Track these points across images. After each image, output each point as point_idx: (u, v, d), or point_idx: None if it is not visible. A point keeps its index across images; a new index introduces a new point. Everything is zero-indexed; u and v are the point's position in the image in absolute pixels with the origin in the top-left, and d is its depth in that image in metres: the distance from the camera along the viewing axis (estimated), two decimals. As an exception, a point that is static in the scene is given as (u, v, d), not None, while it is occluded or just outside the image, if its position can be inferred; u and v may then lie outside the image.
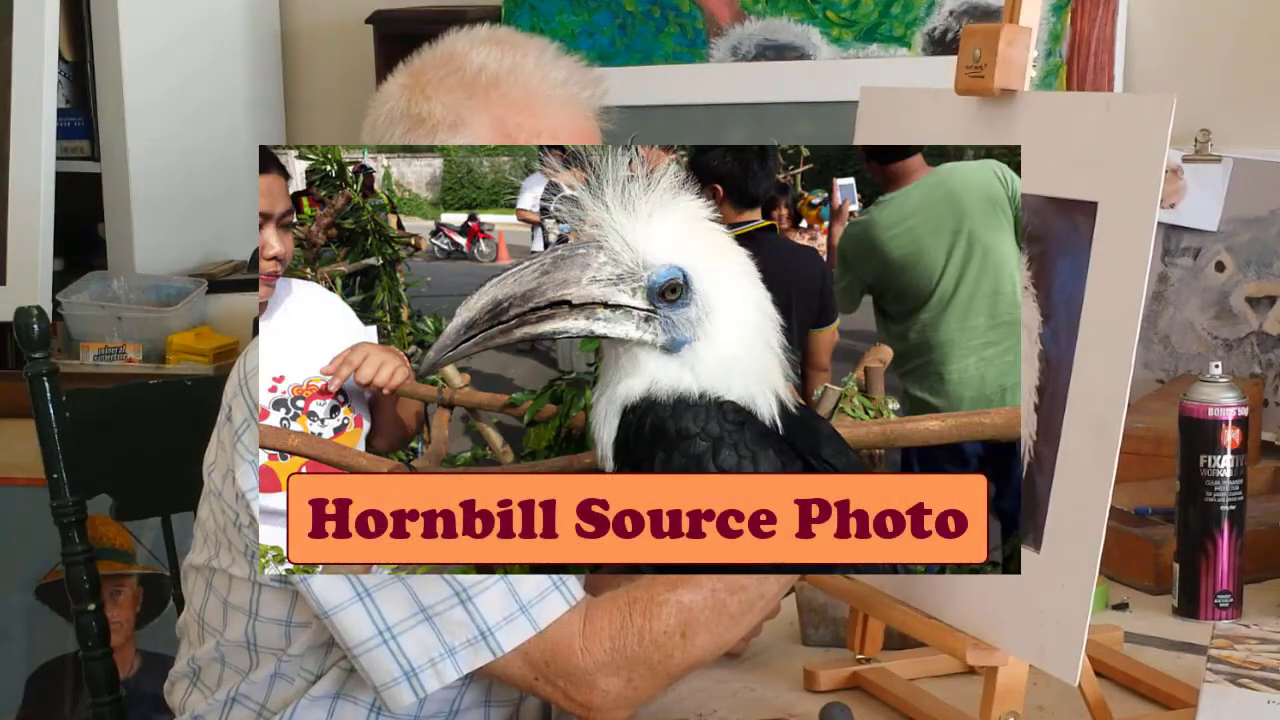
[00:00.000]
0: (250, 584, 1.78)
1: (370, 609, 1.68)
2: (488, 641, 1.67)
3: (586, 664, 1.67)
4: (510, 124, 1.71)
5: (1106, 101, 1.70)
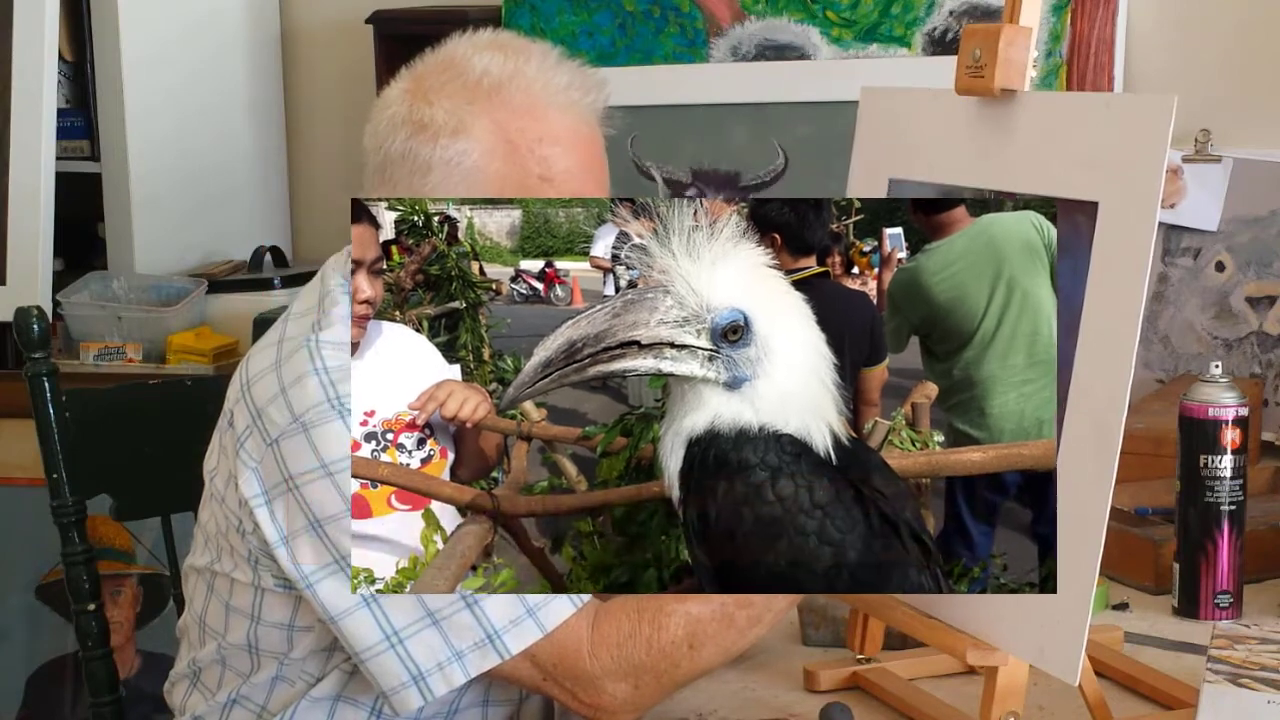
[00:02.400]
0: (252, 588, 1.78)
1: (377, 614, 1.68)
2: (495, 644, 1.67)
3: (594, 669, 1.68)
4: (512, 129, 1.71)
5: (1107, 101, 1.70)
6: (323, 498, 1.68)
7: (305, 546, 1.70)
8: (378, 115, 1.76)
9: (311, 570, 1.70)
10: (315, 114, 3.58)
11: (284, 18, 3.56)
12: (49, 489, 2.20)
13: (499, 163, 1.70)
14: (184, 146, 3.36)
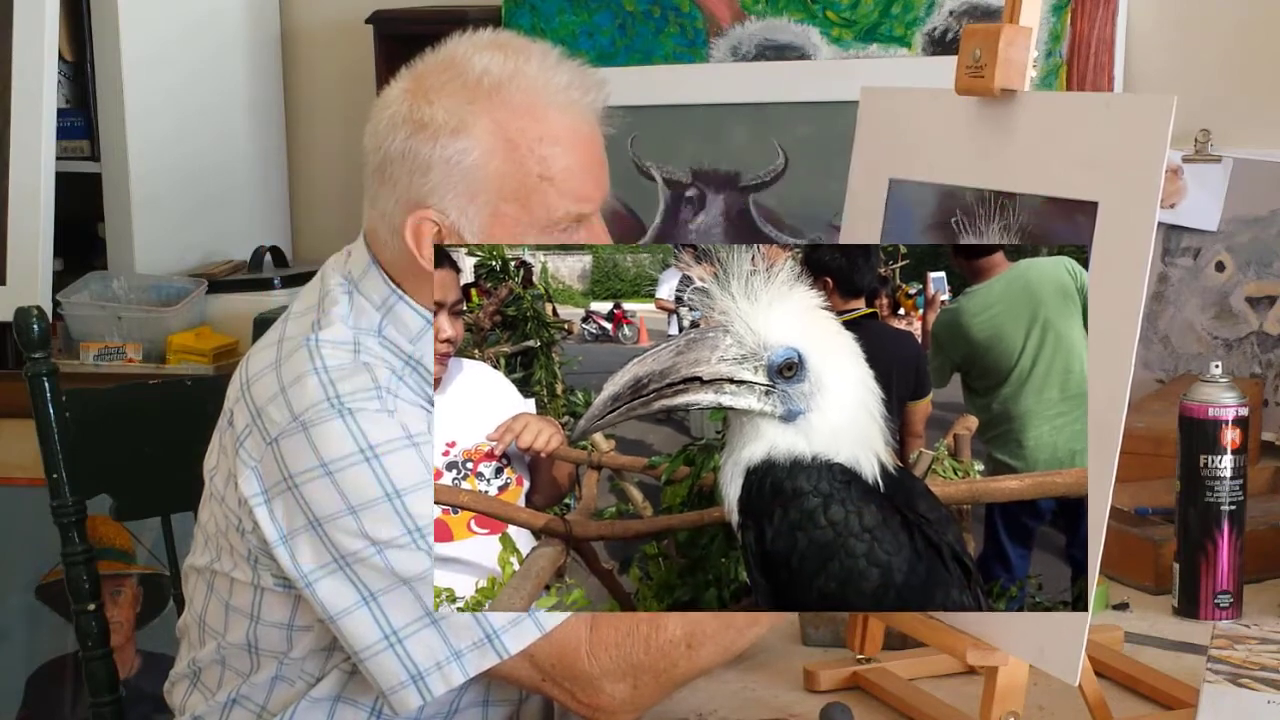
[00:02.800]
0: (252, 588, 1.78)
1: (376, 613, 1.68)
2: (494, 644, 1.67)
3: (593, 669, 1.68)
4: (512, 128, 1.71)
5: (1106, 101, 1.70)
6: (322, 497, 1.68)
7: (304, 546, 1.70)
8: (378, 115, 1.76)
9: (310, 569, 1.70)
10: (315, 114, 3.58)
11: (284, 18, 3.56)
12: (49, 489, 2.20)
13: (499, 161, 1.71)
14: (184, 146, 3.36)
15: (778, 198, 3.02)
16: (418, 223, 1.73)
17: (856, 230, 1.87)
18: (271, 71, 3.54)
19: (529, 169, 1.71)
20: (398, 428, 1.69)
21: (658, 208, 3.08)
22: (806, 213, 2.98)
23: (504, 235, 1.72)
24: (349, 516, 1.67)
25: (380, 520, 1.67)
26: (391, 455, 1.68)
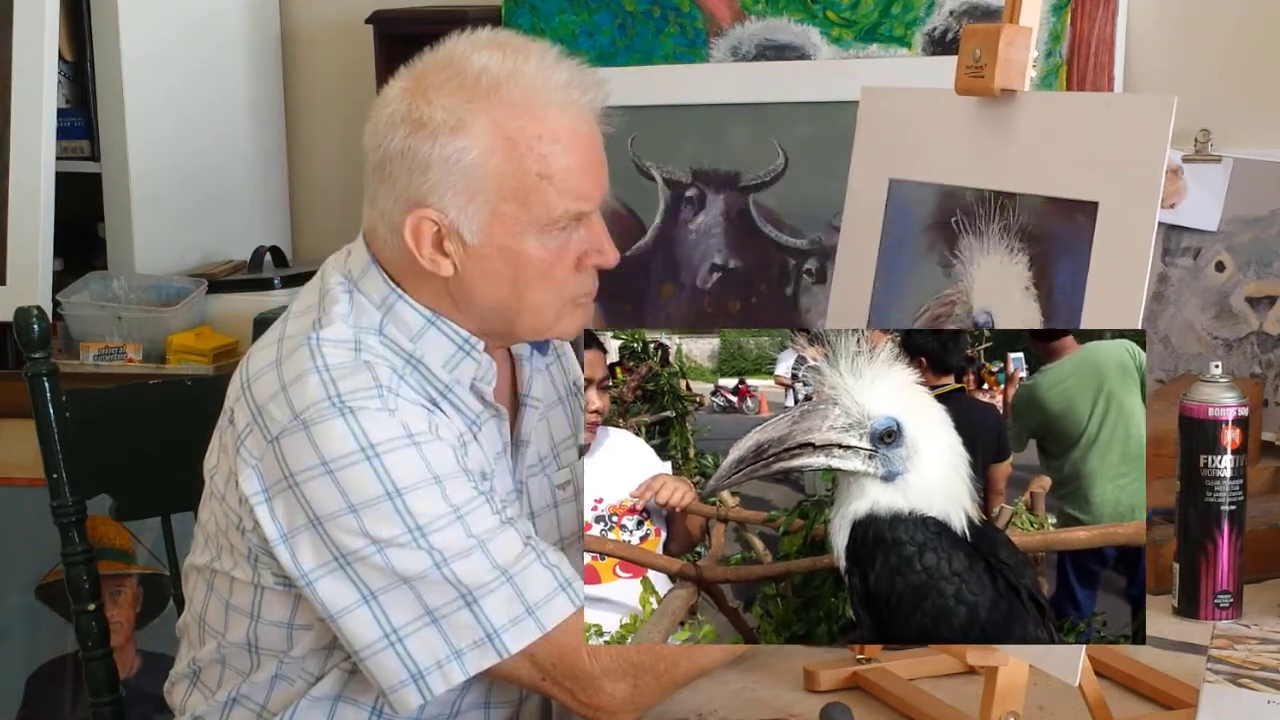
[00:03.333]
0: (252, 587, 1.78)
1: (377, 612, 1.68)
2: (494, 643, 1.67)
3: (593, 669, 1.68)
4: (511, 127, 1.71)
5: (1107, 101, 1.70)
6: (322, 495, 1.68)
7: (305, 544, 1.70)
8: (377, 114, 1.76)
9: (311, 568, 1.70)
10: (315, 114, 3.58)
11: (284, 18, 3.56)
12: (49, 489, 2.20)
13: (498, 160, 1.71)
14: (184, 146, 3.36)
15: (778, 198, 3.02)
16: (417, 222, 1.73)
17: (856, 230, 1.87)
18: (271, 71, 3.54)
19: (528, 167, 1.71)
20: (399, 426, 1.69)
21: (658, 208, 3.08)
22: (806, 213, 2.98)
23: (503, 234, 1.72)
24: (349, 515, 1.67)
25: (381, 519, 1.67)
26: (392, 454, 1.68)
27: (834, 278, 1.93)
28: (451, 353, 1.77)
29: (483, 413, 1.81)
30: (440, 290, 1.77)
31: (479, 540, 1.68)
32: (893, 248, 1.83)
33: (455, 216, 1.72)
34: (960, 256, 1.74)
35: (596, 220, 1.78)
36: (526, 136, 1.71)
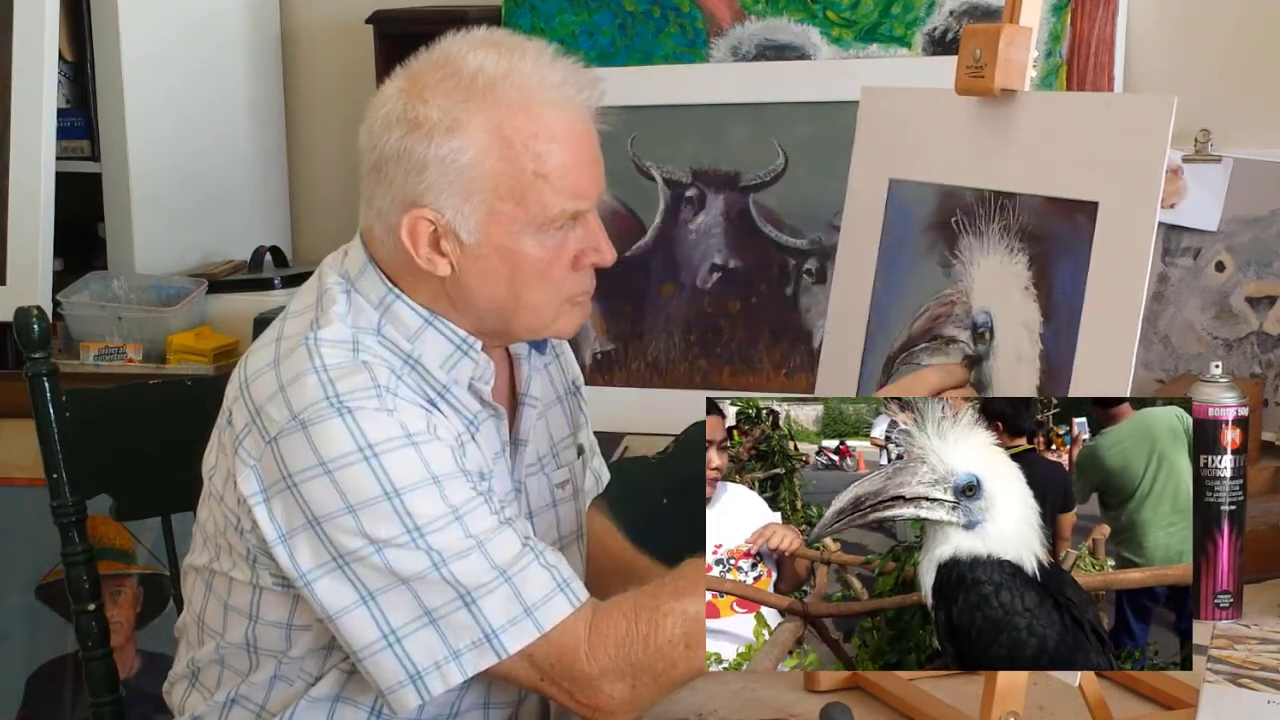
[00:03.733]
0: (251, 587, 1.78)
1: (375, 612, 1.68)
2: (492, 644, 1.67)
3: (591, 669, 1.68)
4: (507, 126, 1.71)
5: (1107, 101, 1.70)
6: (321, 495, 1.68)
7: (303, 544, 1.70)
8: (373, 114, 1.76)
9: (309, 568, 1.70)
10: (315, 114, 3.58)
11: (284, 18, 3.56)
12: (49, 489, 2.20)
13: (494, 160, 1.70)
14: (184, 146, 3.36)
15: (778, 198, 3.02)
16: (414, 222, 1.73)
17: (856, 230, 1.87)
18: (271, 71, 3.54)
19: (524, 166, 1.71)
20: (397, 426, 1.69)
21: (658, 208, 3.08)
22: (806, 213, 2.98)
23: (500, 233, 1.72)
24: (348, 515, 1.67)
25: (379, 519, 1.67)
26: (391, 454, 1.68)
27: (834, 278, 1.93)
28: (449, 352, 1.77)
29: (480, 412, 1.81)
30: (437, 290, 1.77)
31: (477, 540, 1.68)
32: (893, 247, 1.83)
33: (452, 216, 1.72)
34: (960, 256, 1.74)
35: (593, 219, 1.78)
36: (522, 135, 1.71)
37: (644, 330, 3.07)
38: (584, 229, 1.77)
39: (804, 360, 2.93)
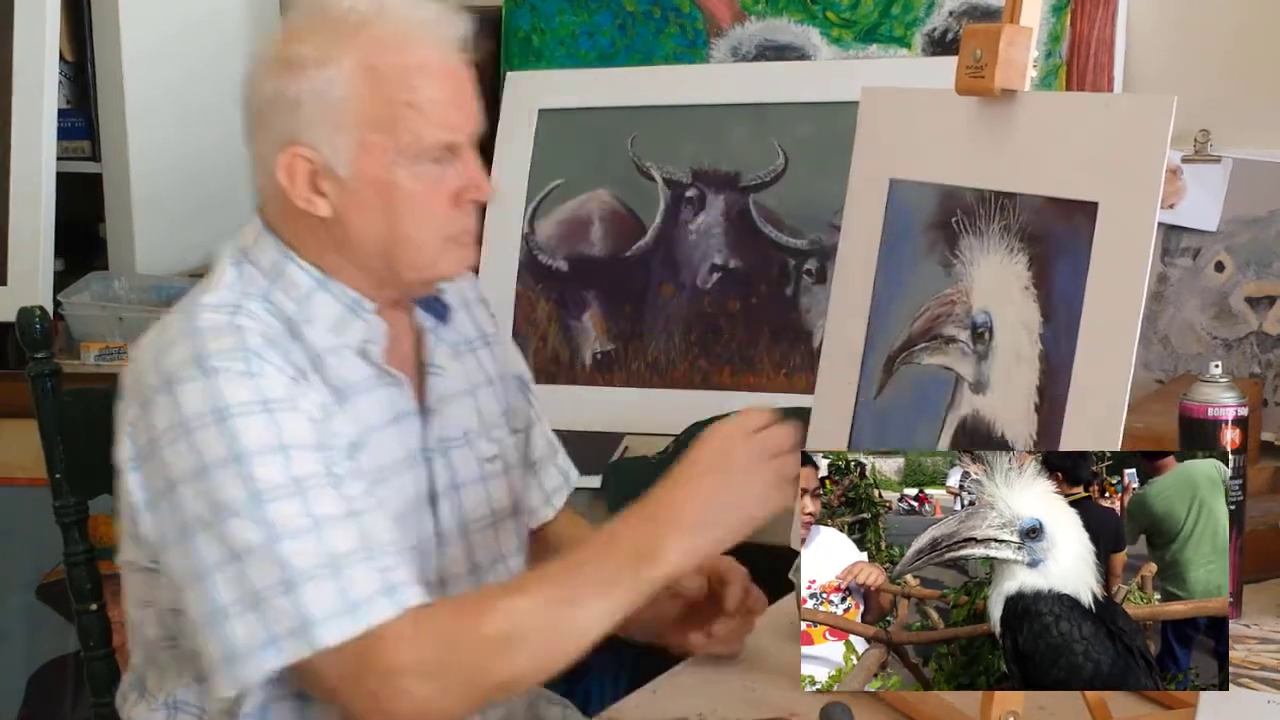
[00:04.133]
0: (147, 571, 1.72)
1: (213, 587, 1.61)
2: (308, 634, 1.60)
3: (399, 661, 1.60)
4: (378, 60, 1.73)
5: (1106, 102, 1.70)
6: (177, 457, 1.64)
7: (164, 510, 1.65)
8: (250, 68, 1.78)
9: (165, 534, 1.65)
10: (316, 114, 3.58)
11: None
12: (51, 489, 2.20)
13: (365, 91, 1.72)
14: (185, 146, 3.36)
15: (778, 198, 3.02)
16: (290, 160, 1.73)
17: (857, 230, 1.87)
18: (272, 72, 3.54)
19: (394, 96, 1.72)
20: (254, 391, 1.64)
21: (658, 208, 3.09)
22: (806, 213, 2.99)
23: (374, 166, 1.72)
24: (196, 478, 1.63)
25: (223, 483, 1.62)
26: (243, 418, 1.63)
27: (834, 278, 1.93)
28: (339, 314, 1.76)
29: (370, 377, 1.78)
30: (324, 240, 1.76)
31: (315, 521, 1.62)
32: (893, 247, 1.83)
33: (327, 152, 1.72)
34: (960, 256, 1.74)
35: (470, 155, 1.78)
36: (393, 68, 1.73)
37: (644, 330, 3.08)
38: (462, 165, 1.76)
39: (804, 360, 2.93)
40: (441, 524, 1.83)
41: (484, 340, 1.98)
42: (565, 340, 3.11)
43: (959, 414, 1.75)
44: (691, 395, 2.99)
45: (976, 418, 1.73)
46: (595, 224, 3.14)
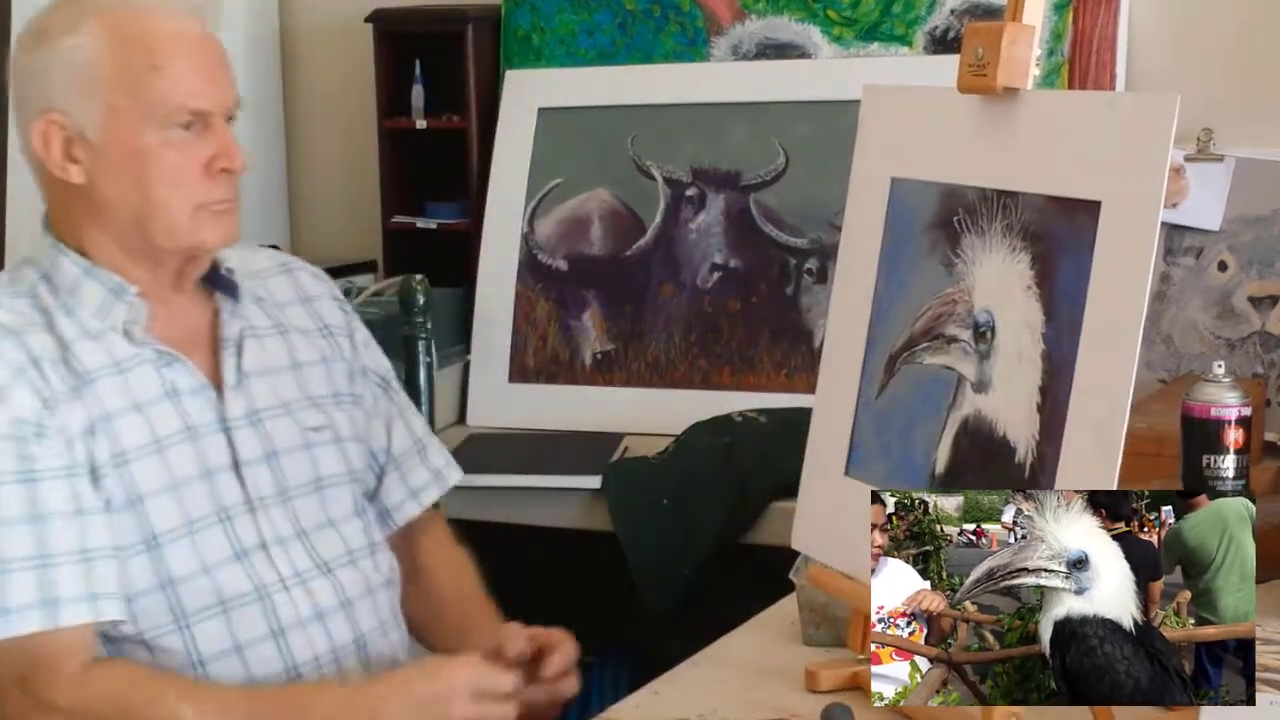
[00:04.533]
0: None
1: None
2: None
3: (60, 699, 1.68)
4: (123, 27, 1.79)
5: (1109, 100, 1.70)
6: None
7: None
8: (14, 46, 1.83)
9: None
10: (315, 114, 3.58)
11: (283, 17, 3.55)
12: (47, 489, 2.19)
13: (109, 54, 1.77)
14: (183, 146, 3.35)
15: (778, 197, 3.02)
16: (45, 127, 1.78)
17: (858, 229, 1.87)
18: (271, 71, 3.54)
19: (138, 60, 1.77)
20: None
21: (658, 207, 3.08)
22: (806, 212, 2.98)
23: (123, 129, 1.77)
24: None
25: None
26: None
27: (835, 277, 1.92)
28: (102, 298, 1.80)
29: (137, 356, 1.81)
30: (82, 214, 1.81)
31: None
32: (894, 247, 1.82)
33: (78, 117, 1.77)
34: (962, 255, 1.74)
35: (221, 126, 1.82)
36: (136, 32, 1.78)
37: (644, 330, 3.07)
38: (212, 134, 1.81)
39: (804, 360, 2.93)
40: (254, 490, 1.84)
41: (321, 331, 2.00)
42: (565, 340, 3.11)
43: (961, 414, 1.74)
44: (691, 395, 2.98)
45: (978, 417, 1.73)
46: (595, 223, 3.13)
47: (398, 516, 2.04)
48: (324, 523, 1.89)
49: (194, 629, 1.77)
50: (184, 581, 1.77)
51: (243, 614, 1.79)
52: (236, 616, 1.79)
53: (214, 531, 1.79)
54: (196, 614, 1.77)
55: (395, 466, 2.04)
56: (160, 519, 1.76)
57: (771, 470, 2.60)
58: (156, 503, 1.77)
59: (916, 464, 1.79)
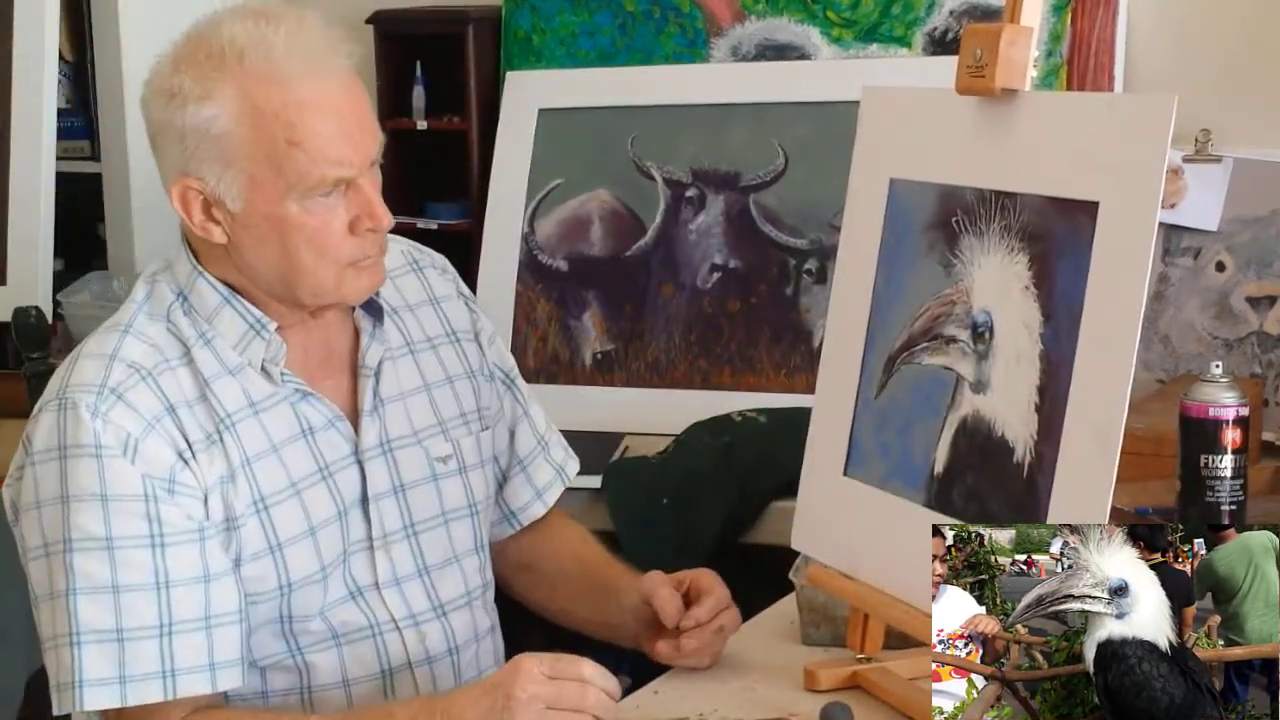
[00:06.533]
0: None
1: (61, 611, 1.74)
2: (74, 692, 1.71)
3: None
4: (258, 95, 1.70)
5: (1108, 101, 1.71)
6: (33, 485, 1.71)
7: (31, 524, 1.72)
8: (144, 89, 1.77)
9: (31, 548, 1.73)
10: (315, 114, 3.57)
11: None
12: (49, 489, 2.20)
13: (246, 128, 1.70)
14: (184, 146, 3.36)
15: (778, 198, 3.02)
16: (183, 191, 1.74)
17: (857, 230, 1.87)
18: (272, 71, 3.54)
19: (276, 135, 1.70)
20: (90, 434, 1.69)
21: (658, 208, 3.08)
22: (806, 213, 2.99)
23: (264, 201, 1.71)
24: (48, 507, 1.70)
25: (57, 523, 1.69)
26: (77, 460, 1.69)
27: (834, 277, 1.93)
28: (243, 332, 1.77)
29: (275, 394, 1.79)
30: (227, 262, 1.77)
31: (114, 587, 1.70)
32: (893, 247, 1.83)
33: (215, 185, 1.72)
34: (961, 256, 1.74)
35: (365, 184, 1.77)
36: (273, 105, 1.70)
37: (644, 330, 3.07)
38: (355, 195, 1.76)
39: (804, 360, 2.93)
40: (378, 527, 1.82)
41: (449, 337, 1.96)
42: (565, 340, 3.11)
43: (959, 414, 1.75)
44: (691, 395, 2.98)
45: (977, 417, 1.73)
46: (595, 224, 3.14)
47: (523, 518, 2.03)
48: (449, 559, 1.88)
49: (308, 658, 1.78)
50: (302, 620, 1.77)
51: (354, 650, 1.79)
52: (349, 652, 1.79)
53: (338, 571, 1.79)
54: (310, 648, 1.78)
55: (521, 469, 2.03)
56: (298, 566, 1.76)
57: (771, 470, 2.60)
58: (294, 550, 1.76)
59: (915, 464, 1.79)
